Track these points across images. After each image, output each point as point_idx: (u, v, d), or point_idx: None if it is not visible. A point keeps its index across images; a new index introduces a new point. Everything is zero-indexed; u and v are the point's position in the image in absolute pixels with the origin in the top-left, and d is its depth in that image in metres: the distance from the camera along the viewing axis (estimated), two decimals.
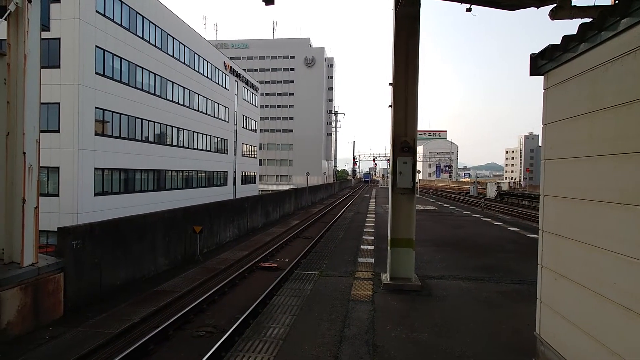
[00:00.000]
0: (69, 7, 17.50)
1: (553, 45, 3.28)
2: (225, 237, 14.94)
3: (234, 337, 5.91)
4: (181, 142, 28.01)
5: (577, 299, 2.93)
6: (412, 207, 6.34)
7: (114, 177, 20.53)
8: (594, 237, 2.75)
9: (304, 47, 78.19)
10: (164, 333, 6.23)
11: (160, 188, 25.01)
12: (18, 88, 6.55)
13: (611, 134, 2.61)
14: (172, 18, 26.64)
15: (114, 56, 20.33)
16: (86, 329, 6.50)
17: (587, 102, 2.88)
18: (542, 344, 3.50)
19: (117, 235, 8.98)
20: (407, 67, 6.19)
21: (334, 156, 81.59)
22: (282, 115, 77.38)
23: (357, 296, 5.81)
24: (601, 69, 2.71)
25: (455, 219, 16.20)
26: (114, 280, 8.73)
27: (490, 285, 6.45)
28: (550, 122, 3.44)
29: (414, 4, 5.97)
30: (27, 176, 6.59)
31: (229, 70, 37.07)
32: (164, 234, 10.75)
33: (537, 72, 3.61)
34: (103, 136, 19.60)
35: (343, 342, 4.24)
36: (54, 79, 17.36)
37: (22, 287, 6.28)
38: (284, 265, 10.91)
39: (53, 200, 17.40)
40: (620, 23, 2.47)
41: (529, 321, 4.56)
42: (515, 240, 10.87)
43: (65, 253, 7.33)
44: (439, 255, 8.65)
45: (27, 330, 6.33)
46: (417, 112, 6.25)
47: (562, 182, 3.26)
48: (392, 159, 6.35)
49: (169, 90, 26.15)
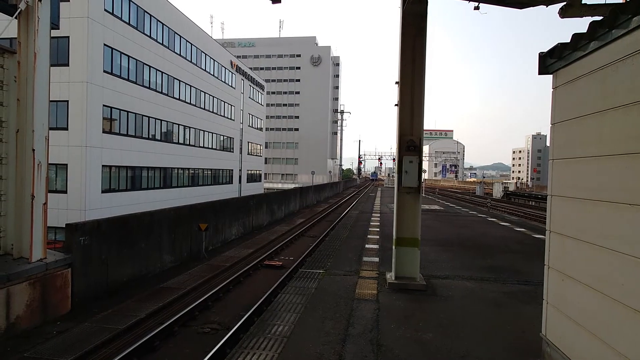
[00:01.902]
0: (78, 5, 17.66)
1: (562, 44, 3.24)
2: (230, 235, 15.01)
3: (239, 334, 5.94)
4: (187, 140, 28.15)
5: (584, 301, 2.89)
6: (417, 207, 6.31)
7: (121, 175, 20.71)
8: (602, 238, 2.71)
9: (310, 45, 78.13)
10: (170, 329, 6.28)
11: (166, 186, 25.18)
12: (28, 86, 6.63)
13: (622, 134, 2.57)
14: (180, 17, 26.77)
15: (122, 54, 20.48)
16: (93, 324, 6.57)
17: (597, 101, 2.84)
18: (548, 345, 3.47)
19: (123, 232, 9.07)
20: (414, 66, 6.16)
21: (339, 155, 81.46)
22: (288, 114, 77.44)
23: (361, 295, 5.81)
24: (612, 67, 2.67)
25: (461, 219, 16.10)
26: (120, 276, 8.81)
27: (496, 285, 6.40)
28: (558, 121, 3.40)
29: (421, 2, 5.93)
30: (36, 173, 6.68)
31: (235, 69, 37.15)
32: (170, 231, 10.82)
33: (546, 71, 3.57)
34: (111, 134, 19.77)
35: (347, 341, 4.24)
36: (63, 76, 17.54)
37: (31, 282, 6.37)
38: (289, 264, 10.93)
39: (61, 197, 17.60)
40: (632, 21, 2.44)
41: (535, 322, 4.52)
42: (521, 241, 10.78)
43: (72, 249, 7.42)
44: (444, 255, 8.61)
45: (35, 325, 6.42)
46: (424, 111, 6.22)
47: (570, 183, 3.22)
48: (398, 158, 6.32)
49: (175, 88, 26.29)
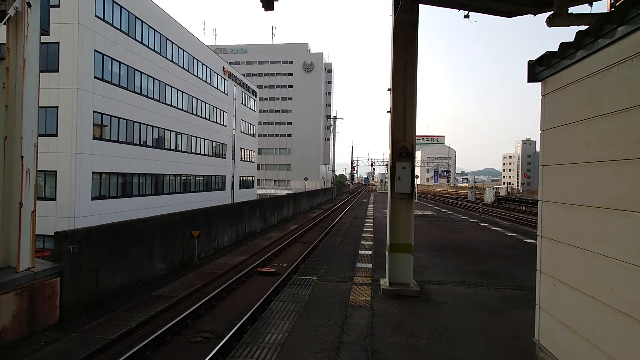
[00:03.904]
0: (68, 11, 17.54)
1: (550, 52, 3.30)
2: (223, 242, 14.88)
3: (232, 343, 5.87)
4: (179, 147, 27.98)
5: (576, 305, 2.92)
6: (410, 212, 6.34)
7: (111, 181, 20.46)
8: (593, 243, 2.75)
9: (303, 52, 78.50)
10: (161, 338, 6.18)
11: (158, 192, 24.94)
12: (17, 92, 6.55)
13: (608, 141, 2.62)
14: (171, 23, 26.74)
15: (112, 60, 20.35)
16: (82, 334, 6.44)
17: (585, 108, 2.89)
18: (541, 350, 3.49)
19: (114, 240, 8.94)
20: (406, 73, 6.22)
21: (332, 161, 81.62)
22: (281, 120, 77.46)
23: (355, 302, 5.79)
24: (598, 76, 2.73)
25: (454, 224, 16.20)
26: (111, 284, 8.67)
27: (489, 290, 6.43)
28: (547, 128, 3.46)
29: (412, 11, 6.02)
30: (24, 180, 6.56)
31: (227, 75, 37.14)
32: (161, 238, 10.70)
33: (535, 79, 3.64)
34: (101, 140, 19.56)
35: (342, 348, 4.22)
36: (53, 82, 17.35)
37: (18, 292, 6.23)
38: (282, 270, 10.87)
39: (50, 204, 17.31)
40: (617, 31, 2.50)
41: (528, 327, 4.55)
42: (513, 246, 10.87)
43: (62, 257, 7.28)
44: (438, 261, 8.64)
45: (22, 336, 6.27)
46: (416, 117, 6.27)
47: (560, 188, 3.27)
48: (391, 164, 6.35)
49: (167, 94, 26.16)
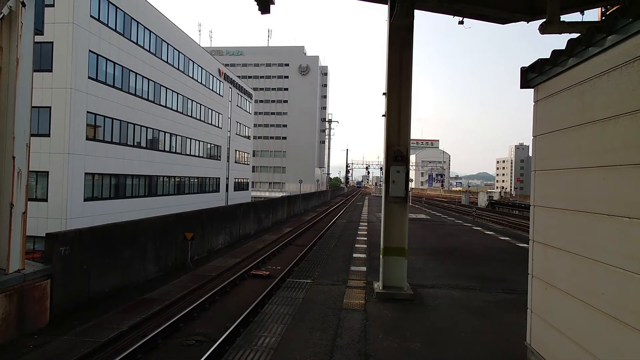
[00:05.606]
0: (62, 11, 17.43)
1: (543, 59, 3.36)
2: (217, 244, 14.80)
3: (225, 346, 5.83)
4: (174, 148, 27.83)
5: (567, 309, 2.96)
6: (404, 216, 6.36)
7: (104, 182, 20.28)
8: (583, 248, 2.79)
9: (299, 55, 78.70)
10: (153, 342, 6.12)
11: (151, 194, 24.77)
12: (9, 92, 6.47)
13: (599, 147, 2.67)
14: (167, 24, 26.68)
15: (107, 61, 20.23)
16: (72, 337, 6.36)
17: (576, 115, 2.94)
18: (532, 353, 3.52)
19: (106, 242, 8.85)
20: (401, 78, 6.27)
21: (327, 164, 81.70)
22: (276, 123, 77.47)
23: (349, 305, 5.79)
24: (589, 83, 2.78)
25: (447, 228, 16.28)
26: (102, 287, 8.57)
27: (482, 294, 6.47)
28: (540, 134, 3.51)
29: (408, 16, 6.07)
30: (15, 181, 6.48)
31: (223, 77, 37.09)
32: (154, 240, 10.62)
33: (528, 85, 3.69)
34: (94, 141, 19.40)
35: (335, 352, 4.21)
36: (46, 82, 17.20)
37: (7, 294, 6.14)
38: (276, 273, 10.83)
39: (41, 205, 17.10)
40: (607, 39, 2.55)
41: (520, 331, 4.58)
42: (506, 250, 10.95)
43: (52, 259, 7.19)
44: (431, 264, 8.68)
45: (11, 339, 6.17)
46: (410, 122, 6.32)
47: (551, 193, 3.31)
48: (386, 168, 6.38)
49: (162, 95, 26.05)
